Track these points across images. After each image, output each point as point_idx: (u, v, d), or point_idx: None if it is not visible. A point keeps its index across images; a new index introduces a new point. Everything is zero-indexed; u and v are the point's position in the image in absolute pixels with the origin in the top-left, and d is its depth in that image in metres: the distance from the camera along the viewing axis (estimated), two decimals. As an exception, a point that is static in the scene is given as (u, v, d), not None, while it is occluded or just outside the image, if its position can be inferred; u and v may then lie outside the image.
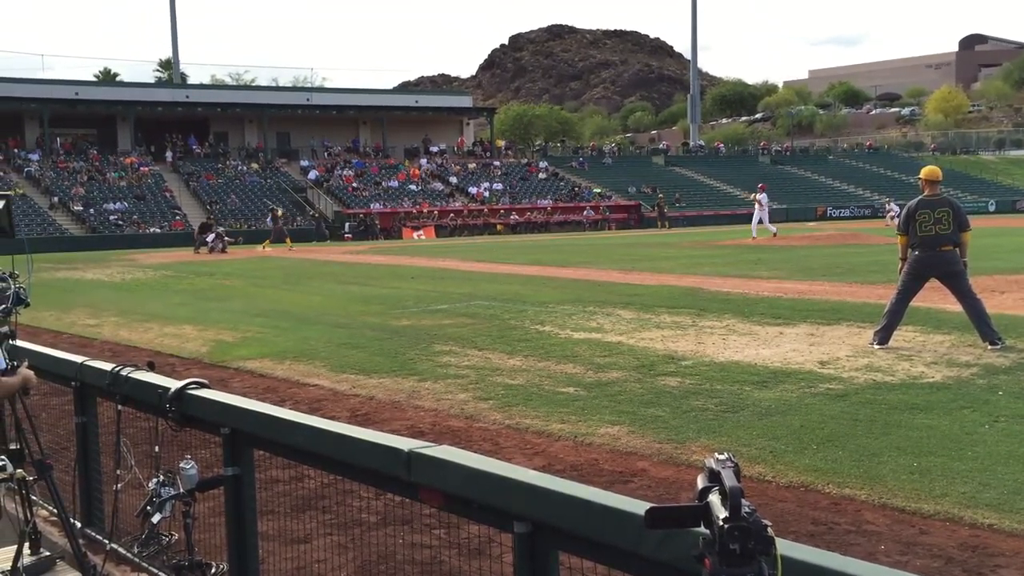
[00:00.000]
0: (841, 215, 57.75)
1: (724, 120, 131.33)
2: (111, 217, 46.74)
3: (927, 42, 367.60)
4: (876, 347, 9.46)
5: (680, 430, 6.57)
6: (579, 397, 7.78)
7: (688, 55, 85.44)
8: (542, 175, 61.78)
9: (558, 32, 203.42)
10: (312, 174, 55.63)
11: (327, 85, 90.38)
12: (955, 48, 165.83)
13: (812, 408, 7.04)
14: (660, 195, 55.59)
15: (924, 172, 9.94)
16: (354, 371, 9.36)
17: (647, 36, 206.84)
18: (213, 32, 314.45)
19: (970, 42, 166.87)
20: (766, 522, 1.43)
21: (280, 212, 41.77)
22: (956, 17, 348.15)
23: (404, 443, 2.80)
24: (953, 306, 10.20)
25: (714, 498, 1.48)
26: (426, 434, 6.61)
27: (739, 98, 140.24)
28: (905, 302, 9.69)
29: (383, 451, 2.83)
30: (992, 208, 60.89)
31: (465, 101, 74.50)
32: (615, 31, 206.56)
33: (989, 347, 9.13)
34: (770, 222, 34.45)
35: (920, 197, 9.81)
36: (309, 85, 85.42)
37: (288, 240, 37.73)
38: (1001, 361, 8.57)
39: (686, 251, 28.57)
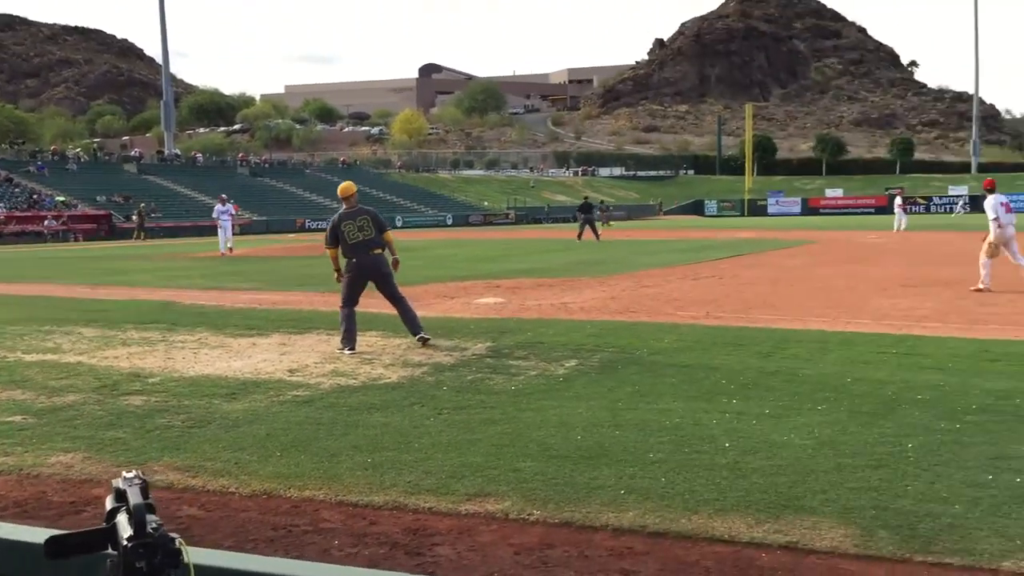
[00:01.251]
0: (319, 227, 59.74)
1: (202, 129, 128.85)
2: None
3: (393, 67, 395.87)
4: (345, 353, 9.98)
5: (142, 451, 6.30)
6: (27, 425, 7.07)
7: (161, 59, 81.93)
8: (-8, 180, 54.93)
9: (8, 23, 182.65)
10: None
11: None
12: (415, 75, 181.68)
13: (279, 416, 7.21)
14: (142, 204, 52.75)
15: (340, 189, 10.68)
16: None
17: (114, 36, 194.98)
18: None
19: (427, 71, 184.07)
20: (174, 535, 1.45)
21: None
22: (416, 46, 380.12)
23: None
24: (408, 312, 11.11)
25: (122, 518, 1.47)
26: None
27: (216, 108, 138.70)
28: (352, 306, 10.36)
29: None
30: (450, 222, 67.73)
31: None
32: (76, 27, 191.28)
33: (416, 338, 10.29)
34: (234, 234, 34.24)
35: (340, 211, 10.58)
36: None
37: None
38: (447, 359, 9.56)
39: (162, 263, 27.44)
